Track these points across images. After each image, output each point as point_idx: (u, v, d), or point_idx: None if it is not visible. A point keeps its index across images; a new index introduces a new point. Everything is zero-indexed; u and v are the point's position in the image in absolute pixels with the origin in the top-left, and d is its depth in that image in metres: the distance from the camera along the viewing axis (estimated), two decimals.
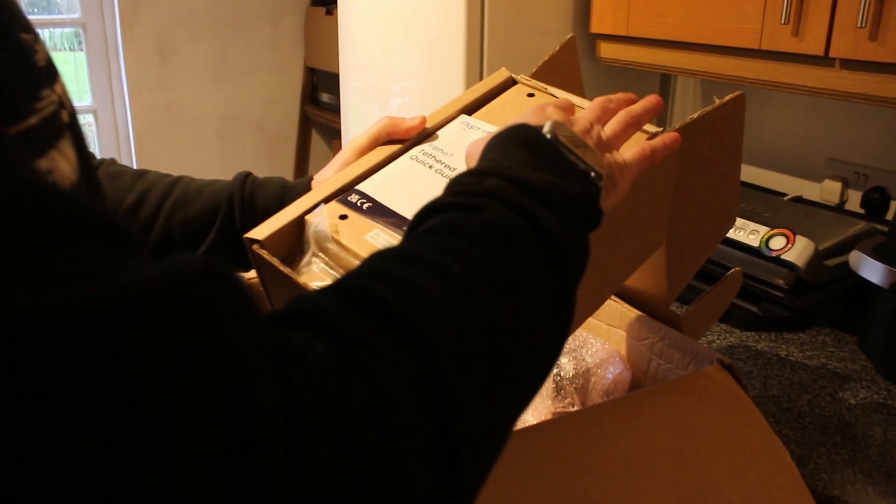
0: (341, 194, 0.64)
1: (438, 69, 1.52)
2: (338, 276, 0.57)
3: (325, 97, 2.95)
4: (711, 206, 0.81)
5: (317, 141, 3.14)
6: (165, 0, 2.69)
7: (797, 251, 1.11)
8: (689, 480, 0.64)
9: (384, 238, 0.59)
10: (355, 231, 0.60)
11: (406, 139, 0.68)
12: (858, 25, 0.98)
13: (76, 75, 2.80)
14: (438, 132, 0.71)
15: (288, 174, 3.08)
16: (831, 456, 0.88)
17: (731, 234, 1.20)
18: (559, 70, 0.84)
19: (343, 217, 0.61)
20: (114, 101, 2.82)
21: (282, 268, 0.58)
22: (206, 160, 2.91)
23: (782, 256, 1.12)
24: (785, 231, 1.14)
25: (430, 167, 0.66)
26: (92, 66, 2.79)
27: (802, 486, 0.68)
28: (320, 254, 0.59)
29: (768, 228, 1.17)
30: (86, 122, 2.88)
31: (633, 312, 0.88)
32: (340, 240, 0.59)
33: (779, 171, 1.52)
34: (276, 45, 2.95)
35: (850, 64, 1.04)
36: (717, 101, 0.73)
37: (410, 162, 0.67)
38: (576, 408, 0.83)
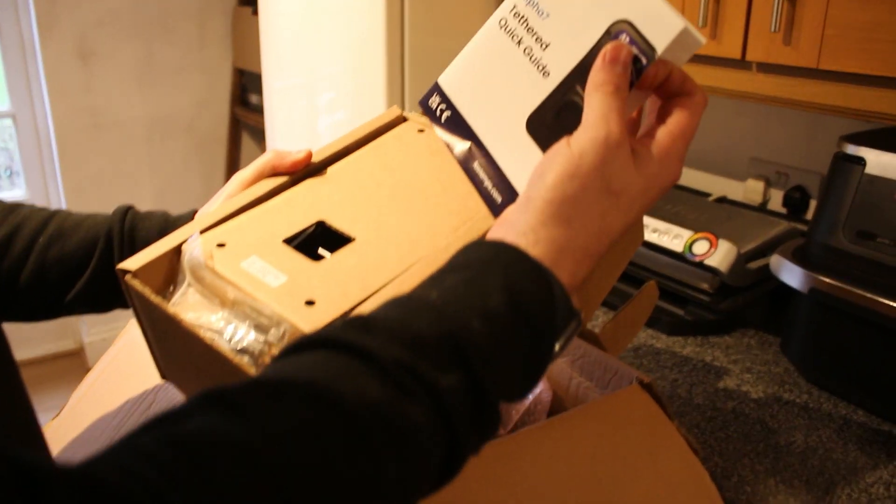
0: (221, 223, 0.61)
1: (361, 69, 1.49)
2: (213, 305, 0.54)
3: (254, 99, 2.88)
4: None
5: (248, 143, 3.07)
6: (85, 0, 2.59)
7: (720, 256, 1.11)
8: None
9: (260, 265, 0.56)
10: (232, 258, 0.56)
11: (291, 172, 0.65)
12: (772, 30, 0.98)
13: None
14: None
15: (219, 177, 3.00)
16: (754, 466, 0.88)
17: (655, 239, 1.19)
18: None
19: (220, 245, 0.58)
20: (33, 105, 2.71)
21: (153, 298, 0.54)
22: (134, 165, 2.81)
23: (705, 261, 1.12)
24: (707, 235, 1.14)
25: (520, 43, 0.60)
26: (8, 69, 2.67)
27: None
28: (195, 283, 0.56)
29: (691, 233, 1.16)
30: (4, 126, 2.76)
31: None
32: (215, 267, 0.55)
33: (704, 170, 1.52)
34: (202, 45, 2.86)
35: (765, 67, 1.04)
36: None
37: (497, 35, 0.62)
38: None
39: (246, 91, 2.95)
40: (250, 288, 0.53)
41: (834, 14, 0.93)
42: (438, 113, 0.64)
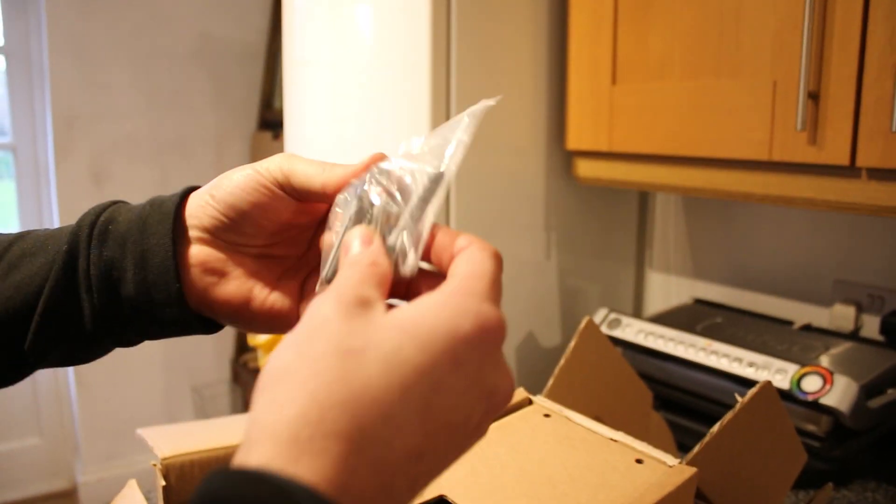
0: None
1: None
2: None
3: None
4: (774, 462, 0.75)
5: None
6: (102, 123, 2.53)
7: (838, 393, 0.94)
8: None
9: None
10: None
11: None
12: (893, 129, 0.85)
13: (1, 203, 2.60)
14: None
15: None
16: None
17: (752, 374, 1.02)
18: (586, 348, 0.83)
19: None
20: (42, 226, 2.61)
21: None
22: None
23: (820, 400, 0.95)
24: (819, 369, 0.97)
25: None
26: (21, 193, 2.59)
27: None
28: None
29: (797, 367, 1.00)
30: None
31: None
32: None
33: (780, 296, 1.37)
34: (220, 170, 2.75)
35: (879, 174, 0.91)
36: (740, 400, 0.69)
37: None
38: None
39: None
40: None
41: None
42: None
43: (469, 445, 0.35)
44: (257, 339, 2.50)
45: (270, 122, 2.74)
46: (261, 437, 0.30)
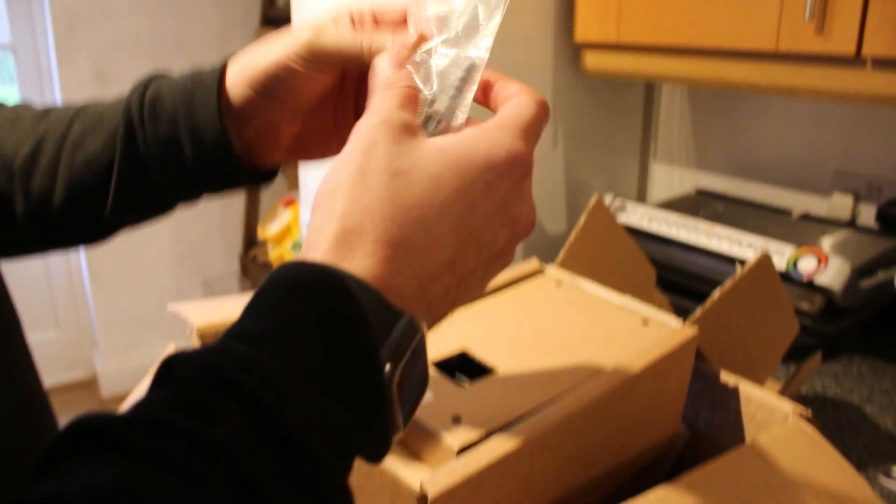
0: None
1: None
2: None
3: None
4: (768, 331, 0.80)
5: None
6: (104, 22, 2.51)
7: (831, 273, 1.00)
8: None
9: None
10: None
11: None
12: None
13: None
14: None
15: (239, 197, 2.89)
16: None
17: (752, 255, 1.07)
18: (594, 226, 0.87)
19: None
20: None
21: None
22: None
23: (815, 280, 1.00)
24: (814, 250, 1.02)
25: None
26: (24, 96, 2.58)
27: None
28: None
29: (794, 247, 1.05)
30: None
31: None
32: None
33: (782, 185, 1.41)
34: None
35: (883, 64, 0.93)
36: (739, 269, 0.73)
37: None
38: None
39: None
40: None
41: None
42: None
43: (494, 270, 0.41)
44: (266, 233, 2.56)
45: (274, 19, 2.71)
46: (319, 242, 0.36)
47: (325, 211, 0.37)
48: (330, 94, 0.53)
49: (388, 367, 0.33)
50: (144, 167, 0.52)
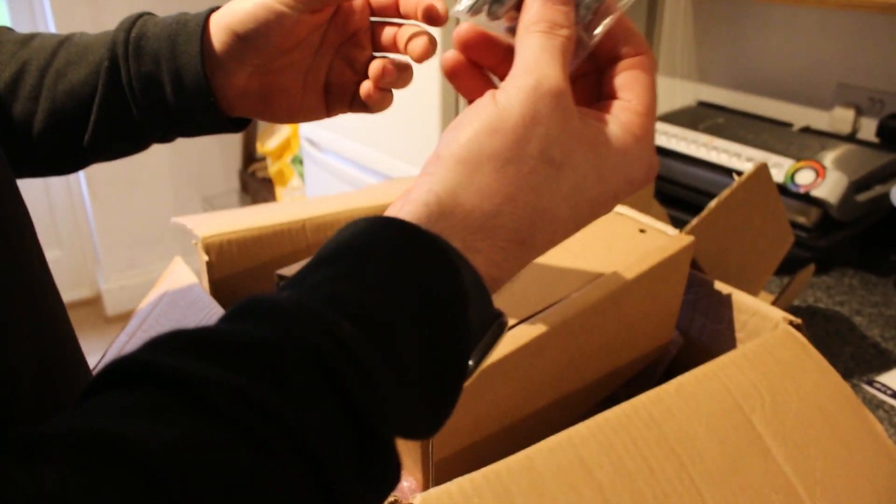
0: None
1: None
2: None
3: None
4: (763, 243, 0.80)
5: None
6: None
7: (828, 186, 1.00)
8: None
9: None
10: None
11: None
12: None
13: None
14: None
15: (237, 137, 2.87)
16: (892, 420, 0.78)
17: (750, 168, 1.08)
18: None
19: None
20: None
21: None
22: None
23: (812, 193, 1.01)
24: (813, 164, 1.03)
25: None
26: (14, 13, 2.53)
27: None
28: None
29: (792, 161, 1.05)
30: None
31: None
32: None
33: (783, 98, 1.40)
34: None
35: None
36: (737, 179, 0.73)
37: None
38: None
39: None
40: None
41: None
42: None
43: None
44: (265, 148, 2.55)
45: None
46: (454, 209, 0.34)
47: (467, 176, 0.34)
48: (305, 53, 0.53)
49: (470, 364, 0.34)
50: (125, 102, 0.52)
